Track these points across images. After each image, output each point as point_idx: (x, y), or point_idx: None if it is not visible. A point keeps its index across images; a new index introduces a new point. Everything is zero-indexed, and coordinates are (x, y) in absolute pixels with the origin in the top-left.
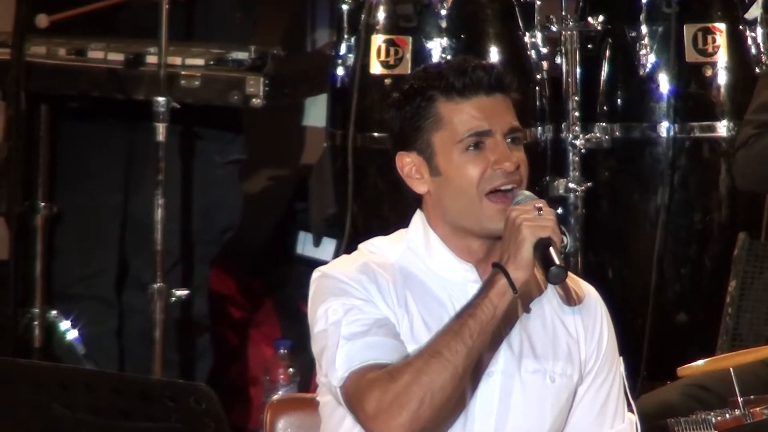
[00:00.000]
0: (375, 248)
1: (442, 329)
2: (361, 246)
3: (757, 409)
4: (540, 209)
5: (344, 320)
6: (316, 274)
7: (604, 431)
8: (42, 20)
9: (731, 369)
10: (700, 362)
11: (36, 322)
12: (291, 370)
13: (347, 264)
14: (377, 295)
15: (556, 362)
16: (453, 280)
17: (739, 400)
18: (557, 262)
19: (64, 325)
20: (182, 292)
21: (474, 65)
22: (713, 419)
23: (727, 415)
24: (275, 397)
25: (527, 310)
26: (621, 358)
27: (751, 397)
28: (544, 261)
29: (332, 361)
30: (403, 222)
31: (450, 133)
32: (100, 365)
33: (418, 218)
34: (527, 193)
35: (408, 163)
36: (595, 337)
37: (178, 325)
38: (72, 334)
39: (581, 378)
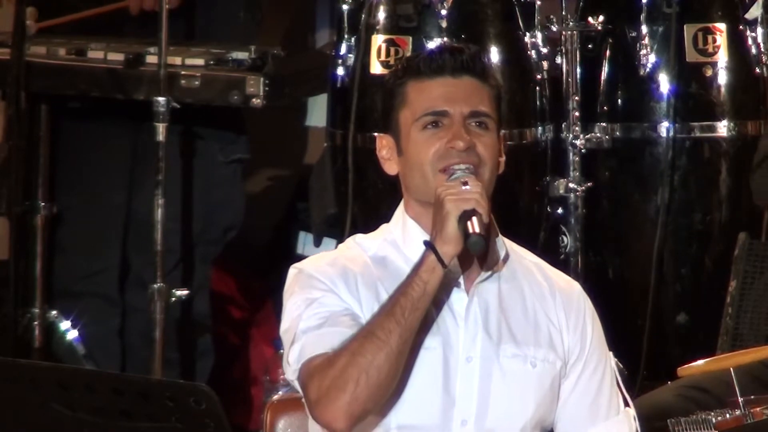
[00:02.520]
0: (352, 244)
1: (377, 311)
2: (340, 244)
3: (757, 409)
4: (465, 183)
5: (304, 314)
6: (291, 270)
7: (599, 423)
8: (31, 26)
9: (731, 369)
10: (700, 362)
11: (36, 322)
12: None
13: (319, 259)
14: (342, 287)
15: (538, 348)
16: None
17: (740, 400)
18: (477, 230)
19: (64, 325)
20: (183, 292)
21: (446, 47)
22: (713, 419)
23: (728, 415)
24: (275, 397)
25: (469, 284)
26: (611, 353)
27: (752, 397)
28: (465, 232)
29: (287, 357)
30: None
31: (411, 112)
32: (101, 365)
33: (399, 208)
34: (463, 167)
35: (384, 146)
36: (578, 329)
37: (178, 324)
38: (72, 334)
39: (565, 367)
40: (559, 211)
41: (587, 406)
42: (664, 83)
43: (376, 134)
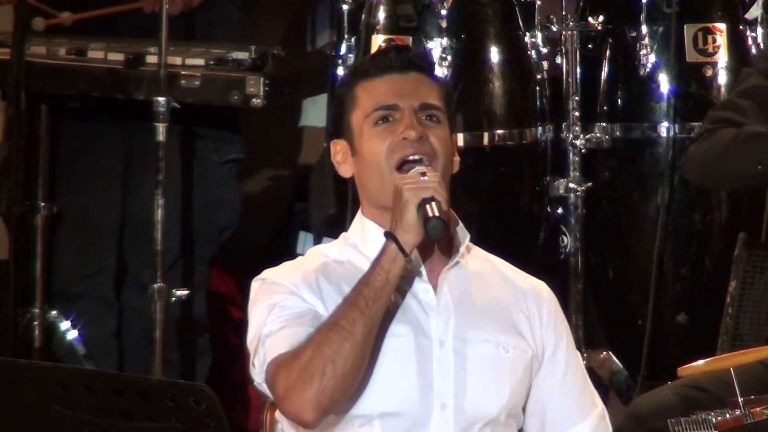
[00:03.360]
0: (312, 252)
1: (340, 302)
2: (300, 256)
3: (758, 409)
4: (424, 174)
5: (267, 320)
6: (253, 283)
7: (585, 419)
8: (39, 23)
9: (731, 369)
10: (700, 362)
11: (36, 322)
12: None
13: (280, 267)
14: (304, 288)
15: (508, 335)
16: None
17: (740, 400)
18: (436, 214)
19: (64, 325)
20: (182, 292)
21: (391, 47)
22: (713, 419)
23: (728, 415)
24: None
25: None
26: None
27: (752, 396)
28: (425, 217)
29: (253, 362)
30: None
31: (361, 111)
32: (100, 365)
33: (357, 215)
34: (417, 157)
35: (338, 150)
36: (551, 323)
37: (178, 325)
38: (72, 334)
39: (538, 358)
40: (559, 211)
41: (574, 401)
42: (664, 83)
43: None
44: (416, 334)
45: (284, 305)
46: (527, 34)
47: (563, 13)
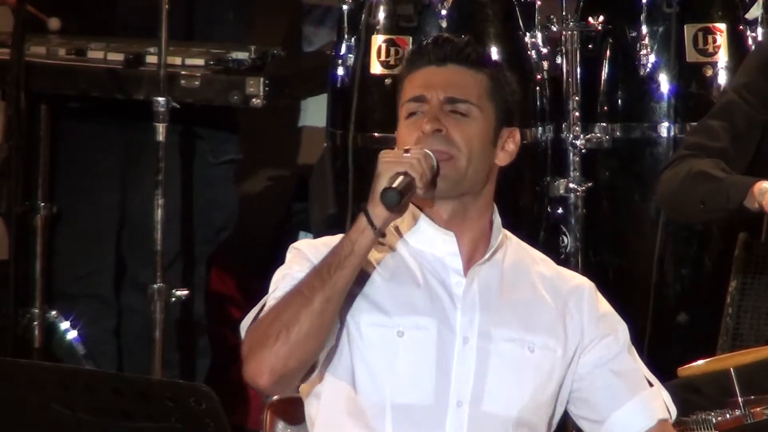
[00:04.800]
0: None
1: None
2: None
3: (758, 409)
4: (407, 151)
5: (277, 287)
6: (289, 250)
7: (635, 396)
8: (54, 23)
9: (731, 369)
10: (700, 362)
11: (36, 322)
12: None
13: (317, 240)
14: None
15: (537, 334)
16: (431, 251)
17: (740, 400)
18: (392, 185)
19: (64, 325)
20: (182, 292)
21: (434, 38)
22: (713, 419)
23: (728, 415)
24: (275, 397)
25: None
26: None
27: (752, 397)
28: (383, 188)
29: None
30: None
31: (401, 103)
32: (100, 365)
33: None
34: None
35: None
36: (592, 318)
37: (177, 325)
38: (72, 334)
39: (571, 353)
40: (559, 211)
41: (621, 385)
42: (664, 83)
43: (376, 134)
44: (441, 328)
45: (296, 276)
46: (527, 34)
47: (563, 13)
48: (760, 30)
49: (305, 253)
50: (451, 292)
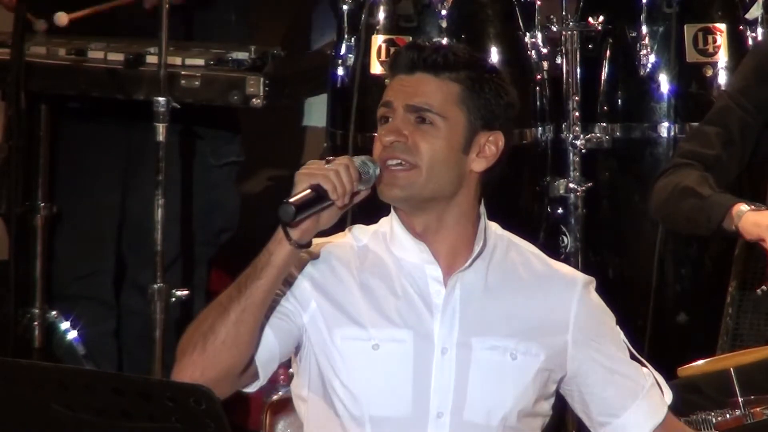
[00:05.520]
0: (353, 231)
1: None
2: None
3: (758, 409)
4: (328, 161)
5: None
6: None
7: (637, 398)
8: (62, 18)
9: (731, 369)
10: (700, 362)
11: (36, 322)
12: (291, 370)
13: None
14: (309, 268)
15: (519, 341)
16: (411, 261)
17: (740, 400)
18: (289, 199)
19: (64, 325)
20: (182, 293)
21: (409, 44)
22: (713, 419)
23: (728, 416)
24: (275, 397)
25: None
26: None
27: (752, 397)
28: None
29: None
30: None
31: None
32: (100, 366)
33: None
34: (394, 162)
35: None
36: (581, 314)
37: (177, 325)
38: (72, 335)
39: (554, 355)
40: (559, 211)
41: (624, 385)
42: (664, 83)
43: (376, 134)
44: (417, 340)
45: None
46: (527, 34)
47: (563, 13)
48: (760, 30)
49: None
50: (430, 301)
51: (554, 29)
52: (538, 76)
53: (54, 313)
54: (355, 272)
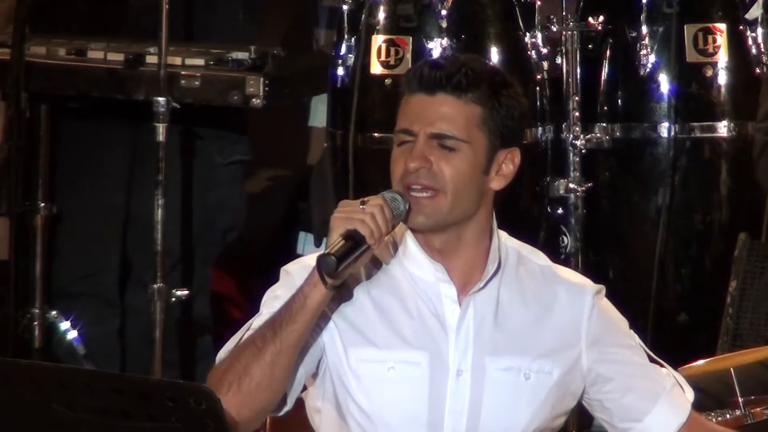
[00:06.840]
0: None
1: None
2: None
3: (758, 409)
4: (363, 203)
5: (263, 311)
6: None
7: (659, 400)
8: None
9: (731, 369)
10: (700, 362)
11: (36, 322)
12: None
13: (309, 257)
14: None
15: (534, 359)
16: (425, 279)
17: (740, 401)
18: (329, 251)
19: (64, 325)
20: (183, 293)
21: (433, 61)
22: (713, 419)
23: (728, 416)
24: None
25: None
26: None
27: (752, 397)
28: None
29: None
30: None
31: (396, 128)
32: (101, 365)
33: None
34: (418, 187)
35: None
36: (592, 322)
37: (178, 325)
38: (72, 334)
39: (568, 370)
40: (559, 211)
41: (644, 388)
42: (665, 83)
43: (376, 134)
44: (432, 362)
45: (273, 306)
46: (527, 34)
47: (563, 13)
48: (760, 30)
49: (293, 279)
50: (444, 322)
51: (554, 29)
52: (538, 76)
53: (54, 313)
54: (367, 287)
